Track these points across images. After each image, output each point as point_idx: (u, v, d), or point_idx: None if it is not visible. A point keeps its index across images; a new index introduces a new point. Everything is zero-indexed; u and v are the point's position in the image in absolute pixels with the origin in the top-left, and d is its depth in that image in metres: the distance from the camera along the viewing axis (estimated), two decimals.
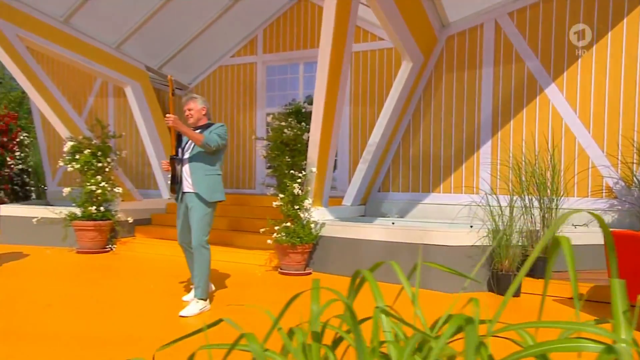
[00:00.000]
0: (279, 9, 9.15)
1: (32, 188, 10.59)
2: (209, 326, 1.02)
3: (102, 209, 6.58)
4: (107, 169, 6.67)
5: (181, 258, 6.32)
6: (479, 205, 4.63)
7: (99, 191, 6.51)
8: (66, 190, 6.51)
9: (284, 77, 9.27)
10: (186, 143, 3.78)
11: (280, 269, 5.40)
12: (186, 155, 3.74)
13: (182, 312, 3.58)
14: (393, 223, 5.75)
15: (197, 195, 3.69)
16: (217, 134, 3.65)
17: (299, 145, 5.34)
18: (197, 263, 3.72)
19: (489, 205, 4.52)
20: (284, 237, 5.19)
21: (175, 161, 3.73)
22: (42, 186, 11.26)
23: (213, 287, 4.31)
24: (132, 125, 9.62)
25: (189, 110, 3.77)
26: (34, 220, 6.74)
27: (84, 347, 3.00)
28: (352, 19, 5.04)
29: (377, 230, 5.02)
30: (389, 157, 6.95)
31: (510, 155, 6.18)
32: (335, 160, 8.69)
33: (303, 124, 5.47)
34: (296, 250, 5.18)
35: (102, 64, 7.92)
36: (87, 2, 7.38)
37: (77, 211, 6.60)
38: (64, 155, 6.71)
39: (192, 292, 4.02)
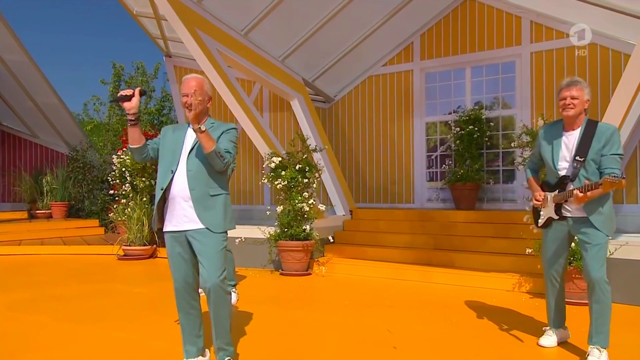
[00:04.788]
0: (439, 13, 8.67)
1: None
2: None
3: (307, 228, 6.20)
4: (314, 185, 6.29)
5: (397, 281, 5.87)
6: None
7: (307, 209, 6.13)
8: (279, 209, 6.16)
9: (447, 83, 8.73)
10: None
11: None
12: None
13: None
14: None
15: (592, 225, 3.01)
16: None
17: None
18: (599, 303, 2.97)
19: None
20: None
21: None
22: None
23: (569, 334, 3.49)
24: (288, 139, 9.33)
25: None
26: (237, 240, 6.43)
27: None
28: None
29: None
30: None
31: None
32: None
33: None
34: (581, 276, 4.54)
35: (274, 76, 7.68)
36: (265, 18, 7.21)
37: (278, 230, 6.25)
38: (265, 172, 6.39)
39: (549, 337, 3.33)
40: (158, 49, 9.76)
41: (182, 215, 2.70)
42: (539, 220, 3.34)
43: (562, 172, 3.13)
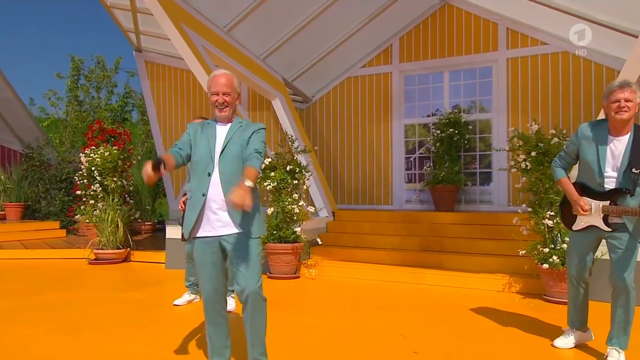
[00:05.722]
0: (418, 17, 8.78)
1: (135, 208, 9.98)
2: None
3: (297, 230, 6.09)
4: (304, 186, 6.19)
5: (389, 283, 5.85)
6: None
7: (297, 211, 6.02)
8: (269, 211, 6.01)
9: (425, 86, 8.85)
10: None
11: (547, 295, 4.89)
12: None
13: None
14: None
15: (627, 229, 2.95)
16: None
17: None
18: (623, 307, 2.99)
19: None
20: (556, 261, 4.70)
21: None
22: (147, 205, 10.74)
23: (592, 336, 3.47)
24: (268, 139, 9.15)
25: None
26: None
27: None
28: None
29: None
30: None
31: None
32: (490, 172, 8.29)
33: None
34: None
35: (256, 75, 7.51)
36: (248, 16, 7.05)
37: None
38: None
39: (564, 338, 3.36)
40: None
41: (215, 220, 2.55)
42: (576, 225, 3.20)
43: (610, 181, 3.00)
